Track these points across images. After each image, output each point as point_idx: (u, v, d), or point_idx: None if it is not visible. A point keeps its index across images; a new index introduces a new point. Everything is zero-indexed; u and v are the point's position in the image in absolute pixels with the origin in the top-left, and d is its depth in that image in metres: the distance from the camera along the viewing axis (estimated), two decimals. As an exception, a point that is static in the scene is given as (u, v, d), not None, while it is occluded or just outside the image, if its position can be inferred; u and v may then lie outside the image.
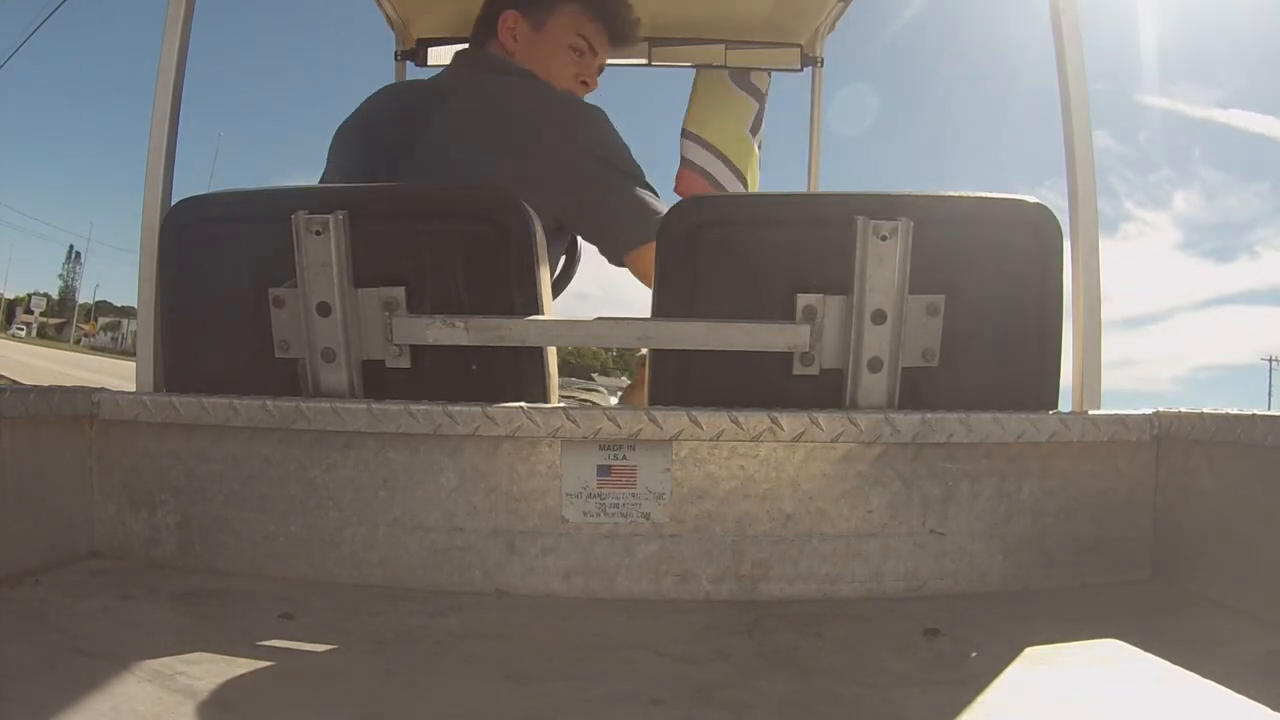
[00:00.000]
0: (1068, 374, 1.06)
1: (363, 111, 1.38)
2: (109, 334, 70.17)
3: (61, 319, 71.48)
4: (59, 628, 0.74)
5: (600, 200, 1.27)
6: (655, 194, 1.28)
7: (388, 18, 2.18)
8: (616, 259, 1.30)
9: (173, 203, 1.09)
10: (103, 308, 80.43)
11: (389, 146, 1.30)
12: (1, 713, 0.59)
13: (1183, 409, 0.94)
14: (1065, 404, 1.04)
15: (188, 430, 0.94)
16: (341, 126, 1.38)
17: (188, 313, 1.06)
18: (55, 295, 78.96)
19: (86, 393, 0.96)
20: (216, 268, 1.04)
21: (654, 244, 1.03)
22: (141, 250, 1.08)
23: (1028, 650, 0.75)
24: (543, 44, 1.42)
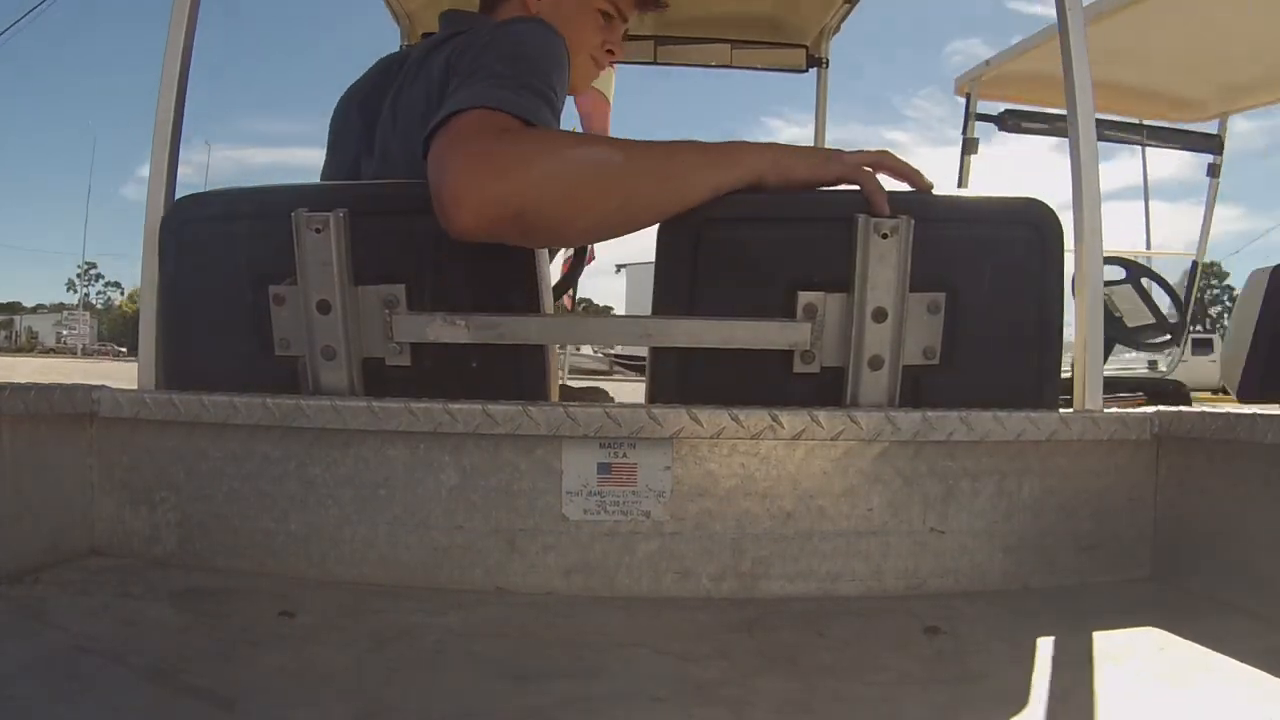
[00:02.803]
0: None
1: (351, 87, 1.29)
2: (2, 333, 68.44)
3: (-51, 325, 68.61)
4: (59, 625, 0.74)
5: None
6: (526, 92, 0.94)
7: (393, 12, 2.18)
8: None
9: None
10: (-12, 307, 77.41)
11: (366, 119, 1.21)
12: (1, 711, 0.59)
13: (1183, 408, 0.94)
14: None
15: (188, 428, 0.94)
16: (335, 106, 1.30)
17: (188, 310, 1.06)
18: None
19: (86, 390, 0.96)
20: (216, 265, 1.04)
21: (453, 122, 0.87)
22: (144, 249, 1.08)
23: (1028, 648, 0.75)
24: (569, 4, 1.30)
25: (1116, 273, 3.16)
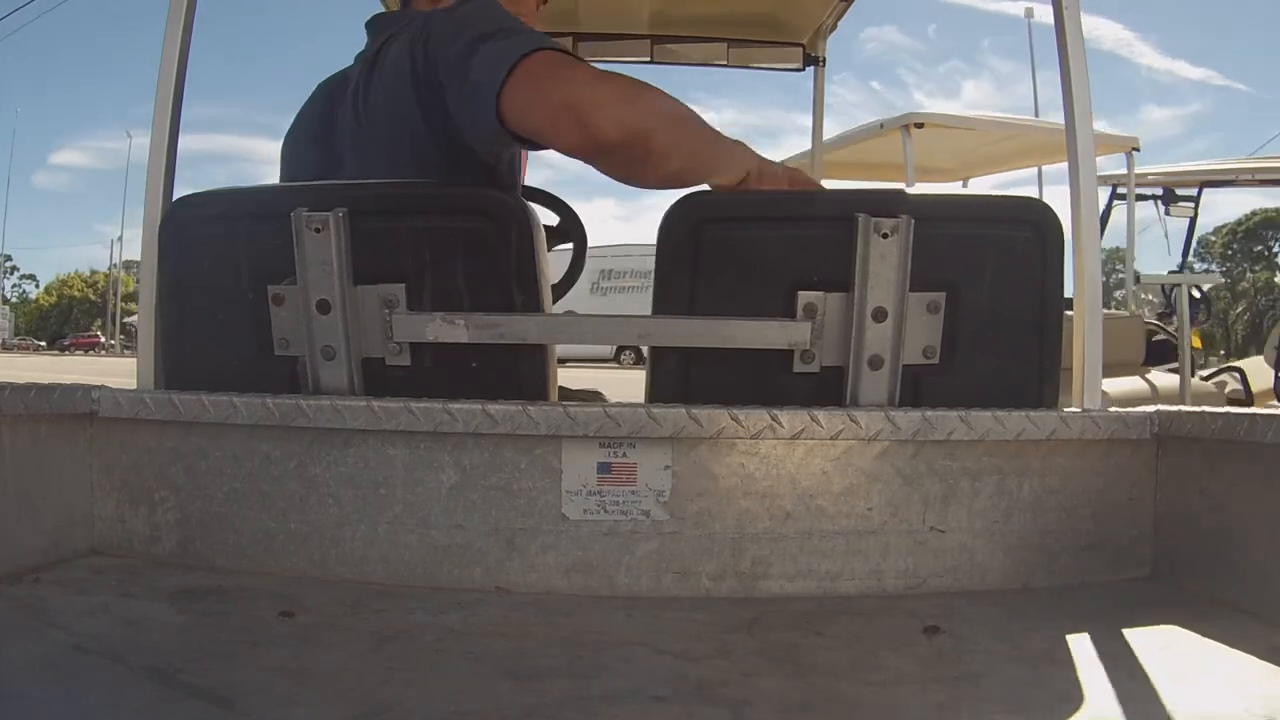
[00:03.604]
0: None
1: (297, 120, 1.27)
2: None
3: None
4: (59, 625, 0.74)
5: (466, 74, 0.99)
6: (528, 33, 1.00)
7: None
8: (494, 117, 0.95)
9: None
10: None
11: (321, 144, 1.19)
12: (1, 710, 0.59)
13: (1183, 408, 0.94)
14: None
15: (187, 427, 0.94)
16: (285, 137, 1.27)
17: (187, 310, 1.06)
18: None
19: (86, 390, 0.96)
20: (216, 265, 1.04)
21: (528, 61, 0.92)
22: (142, 248, 1.08)
23: (1028, 647, 0.75)
24: None
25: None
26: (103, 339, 37.88)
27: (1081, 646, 0.75)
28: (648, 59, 2.34)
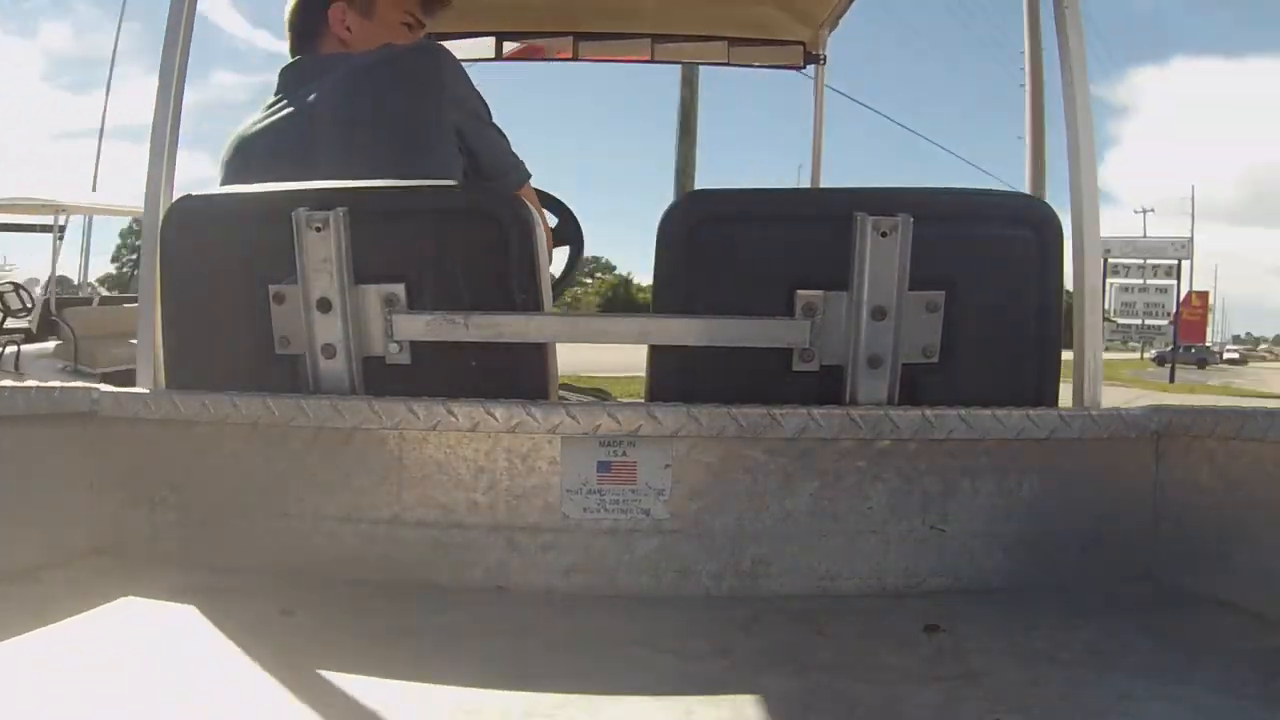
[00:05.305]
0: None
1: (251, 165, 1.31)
2: None
3: None
4: (59, 625, 0.74)
5: (485, 153, 1.37)
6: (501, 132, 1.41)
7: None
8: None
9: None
10: None
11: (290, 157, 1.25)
12: (1, 710, 0.59)
13: (1184, 406, 0.94)
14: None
15: (188, 427, 0.94)
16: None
17: (188, 309, 1.06)
18: None
19: (86, 390, 0.96)
20: (217, 264, 1.04)
21: (528, 182, 1.37)
22: (143, 247, 1.08)
23: (1027, 646, 0.75)
24: (376, 28, 1.42)
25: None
26: None
27: (1080, 645, 0.75)
28: (648, 58, 2.33)
